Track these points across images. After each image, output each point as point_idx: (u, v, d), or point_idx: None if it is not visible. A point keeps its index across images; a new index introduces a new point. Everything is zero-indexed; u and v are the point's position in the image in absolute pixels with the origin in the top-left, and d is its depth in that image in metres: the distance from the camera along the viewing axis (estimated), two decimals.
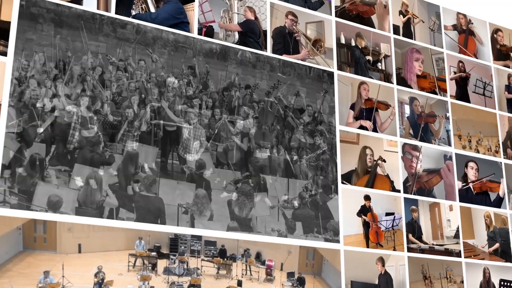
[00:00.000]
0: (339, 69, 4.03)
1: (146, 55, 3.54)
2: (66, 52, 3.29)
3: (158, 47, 3.55)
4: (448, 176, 4.22)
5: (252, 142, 3.68)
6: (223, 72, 3.75)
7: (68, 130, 3.19)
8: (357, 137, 3.97)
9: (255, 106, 3.79)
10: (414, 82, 4.32)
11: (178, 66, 3.62)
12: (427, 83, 4.39)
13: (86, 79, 3.33)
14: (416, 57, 4.39)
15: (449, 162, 4.28)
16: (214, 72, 3.73)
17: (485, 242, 4.29)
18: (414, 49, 4.41)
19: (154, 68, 3.58)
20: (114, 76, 3.45)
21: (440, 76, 4.49)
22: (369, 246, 3.79)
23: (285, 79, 3.86)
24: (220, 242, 3.34)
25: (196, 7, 3.61)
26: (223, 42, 3.66)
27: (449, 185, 4.21)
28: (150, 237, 3.15)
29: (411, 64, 4.34)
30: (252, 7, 3.84)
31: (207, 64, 3.66)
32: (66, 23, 3.30)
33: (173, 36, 3.54)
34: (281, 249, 3.49)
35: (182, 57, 3.61)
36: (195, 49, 3.61)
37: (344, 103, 4.00)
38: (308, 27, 4.02)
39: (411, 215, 4.04)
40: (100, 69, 3.42)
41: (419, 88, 4.35)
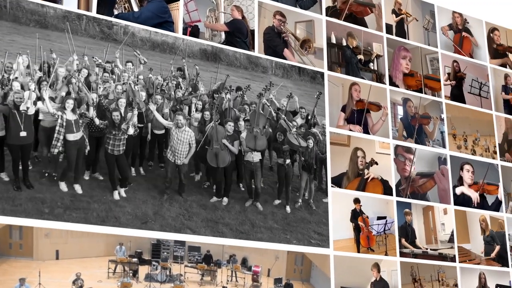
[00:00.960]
0: (330, 70, 3.94)
1: (133, 56, 3.46)
2: (51, 54, 3.22)
3: (146, 49, 3.48)
4: (441, 181, 4.11)
5: (243, 145, 3.59)
6: (214, 73, 3.67)
7: (52, 134, 3.11)
8: (348, 139, 3.87)
9: (246, 108, 3.71)
10: (400, 80, 4.22)
11: (167, 68, 3.54)
12: (414, 82, 4.28)
13: (71, 81, 3.26)
14: (404, 55, 4.28)
15: (443, 167, 4.17)
16: (204, 73, 3.65)
17: (481, 246, 4.17)
18: (401, 47, 4.31)
19: (142, 70, 3.51)
20: (101, 78, 3.38)
21: (429, 75, 4.37)
22: (360, 251, 3.69)
23: (278, 80, 3.78)
24: (205, 247, 3.25)
25: (181, 6, 3.53)
26: (216, 44, 3.58)
27: (442, 190, 4.10)
28: (131, 243, 3.06)
29: (398, 62, 4.24)
30: (240, 6, 3.75)
31: (197, 66, 3.58)
32: (51, 25, 3.23)
33: (162, 37, 3.46)
34: (268, 254, 3.40)
35: (171, 58, 3.53)
36: (185, 50, 3.53)
37: (334, 104, 3.90)
38: (297, 27, 3.93)
39: (405, 218, 3.93)
40: (86, 71, 3.35)
41: (406, 86, 4.24)
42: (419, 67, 4.35)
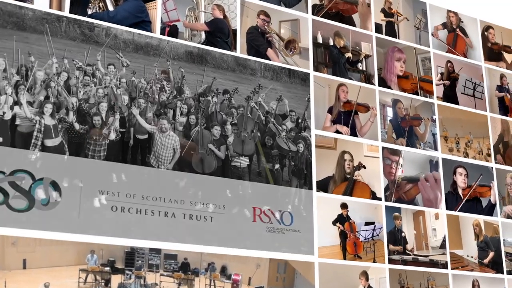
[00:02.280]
0: (316, 70, 3.81)
1: (115, 59, 3.34)
2: (29, 57, 3.11)
3: (129, 51, 3.36)
4: (426, 190, 3.95)
5: (230, 150, 3.47)
6: (200, 76, 3.55)
7: (29, 140, 3.00)
8: (334, 142, 3.74)
9: (233, 112, 3.59)
10: (394, 83, 4.08)
11: (151, 71, 3.42)
12: (409, 84, 4.14)
13: (50, 85, 3.15)
14: (398, 57, 4.15)
15: (428, 174, 4.01)
16: (190, 76, 3.53)
17: (475, 252, 4.03)
18: (395, 48, 4.17)
19: (124, 73, 3.39)
20: (81, 81, 3.27)
21: (424, 76, 4.24)
22: (346, 258, 3.56)
23: (267, 83, 3.66)
24: (182, 255, 3.13)
25: (159, 5, 3.41)
26: (202, 46, 3.46)
27: (427, 200, 3.94)
28: (103, 251, 2.95)
29: (392, 64, 4.10)
30: (221, 5, 3.63)
31: (182, 69, 3.47)
32: (30, 27, 3.12)
33: (146, 39, 3.35)
34: (249, 262, 3.27)
35: (155, 61, 3.42)
36: (170, 52, 3.42)
37: (321, 106, 3.77)
38: (282, 26, 3.81)
39: (393, 223, 3.80)
40: (66, 74, 3.23)
41: (400, 89, 4.11)
42: (413, 68, 4.21)
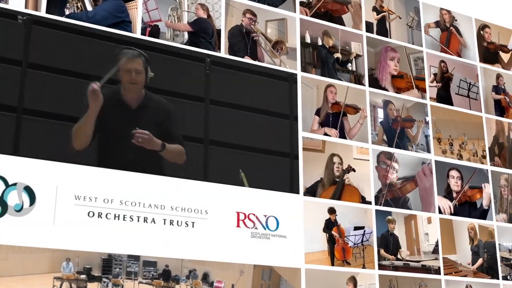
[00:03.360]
0: (304, 71, 3.71)
1: None
2: None
3: None
4: (423, 181, 3.85)
5: None
6: None
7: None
8: (322, 144, 3.64)
9: None
10: (388, 82, 3.97)
11: None
12: (404, 83, 4.02)
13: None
14: (392, 56, 4.03)
15: (425, 166, 3.91)
16: None
17: (469, 257, 3.92)
18: (389, 47, 4.06)
19: None
20: None
21: (420, 75, 4.12)
22: (335, 264, 3.45)
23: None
24: (162, 262, 3.03)
25: (140, 4, 3.32)
26: (184, 46, 3.36)
27: (423, 190, 3.83)
28: (79, 258, 2.85)
29: (385, 64, 3.99)
30: (205, 4, 3.53)
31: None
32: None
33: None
34: (232, 269, 3.17)
35: None
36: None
37: (308, 107, 3.67)
38: (268, 26, 3.70)
39: (387, 226, 3.69)
40: None
41: (395, 89, 3.99)
42: (407, 68, 4.10)
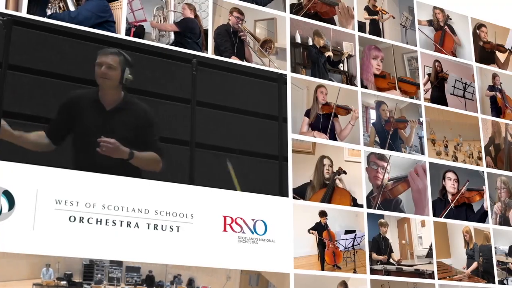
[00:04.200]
0: (294, 71, 3.63)
1: None
2: None
3: None
4: (415, 181, 3.76)
5: None
6: None
7: None
8: (312, 146, 3.56)
9: None
10: (371, 82, 3.88)
11: None
12: (386, 84, 3.93)
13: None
14: (375, 55, 3.94)
15: (418, 165, 3.82)
16: None
17: (464, 261, 3.83)
18: (372, 46, 3.97)
19: None
20: None
21: (403, 77, 4.03)
22: (325, 269, 3.38)
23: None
24: (146, 267, 2.96)
25: (124, 4, 3.25)
26: (170, 46, 3.29)
27: (416, 192, 3.74)
28: (60, 264, 2.78)
29: (368, 63, 3.90)
30: (192, 4, 3.46)
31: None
32: None
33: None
34: (218, 274, 3.10)
35: None
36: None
37: (298, 108, 3.59)
38: (257, 25, 3.63)
39: (379, 229, 3.61)
40: None
41: (376, 89, 3.90)
42: (391, 68, 4.01)
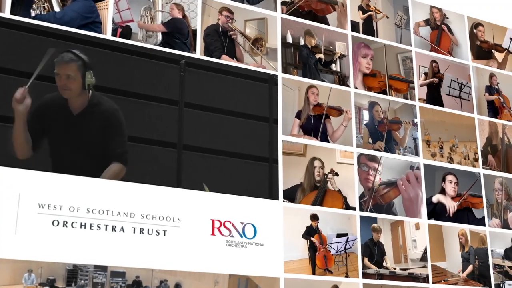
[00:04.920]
0: (285, 72, 3.57)
1: None
2: None
3: None
4: (407, 189, 3.69)
5: None
6: None
7: None
8: (303, 148, 3.50)
9: None
10: (360, 81, 3.81)
11: None
12: (376, 83, 3.86)
13: None
14: (364, 53, 3.87)
15: (410, 172, 3.75)
16: None
17: (459, 265, 3.76)
18: (361, 44, 3.89)
19: None
20: None
21: (394, 74, 3.96)
22: (316, 273, 3.31)
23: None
24: (131, 272, 2.91)
25: (110, 5, 3.20)
26: (157, 47, 3.24)
27: (407, 200, 3.68)
28: (42, 269, 2.73)
29: (357, 61, 3.83)
30: (180, 4, 3.41)
31: None
32: None
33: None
34: (206, 279, 3.04)
35: None
36: None
37: (289, 110, 3.54)
38: (247, 25, 3.58)
39: (371, 234, 3.54)
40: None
41: (366, 88, 3.83)
42: (382, 66, 3.94)
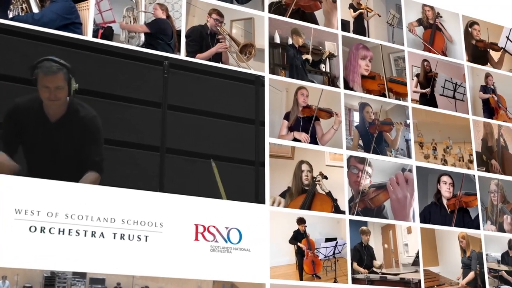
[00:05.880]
0: (272, 73, 3.50)
1: None
2: None
3: None
4: (395, 190, 3.60)
5: None
6: None
7: None
8: (291, 150, 3.42)
9: None
10: (358, 84, 3.73)
11: None
12: (376, 85, 3.77)
13: None
14: (363, 55, 3.79)
15: (399, 174, 3.66)
16: None
17: (455, 269, 3.67)
18: (360, 45, 3.82)
19: None
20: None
21: (394, 77, 3.88)
22: (303, 279, 3.23)
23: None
24: (111, 279, 2.84)
25: (92, 5, 3.13)
26: (139, 48, 3.18)
27: (395, 201, 3.58)
28: (18, 276, 2.66)
29: (356, 63, 3.75)
30: (164, 4, 3.34)
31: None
32: None
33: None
34: (189, 285, 2.97)
35: None
36: None
37: (277, 111, 3.46)
38: (234, 26, 3.50)
39: (360, 238, 3.46)
40: None
41: (365, 91, 3.75)
42: (380, 68, 3.86)
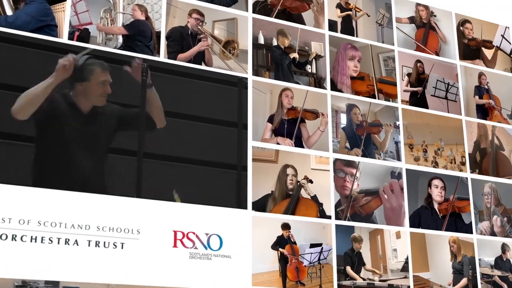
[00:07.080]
0: (256, 74, 3.41)
1: None
2: None
3: None
4: (390, 199, 3.50)
5: None
6: None
7: None
8: (275, 154, 3.34)
9: None
10: (347, 85, 3.63)
11: None
12: (365, 86, 3.68)
13: None
14: (351, 55, 3.69)
15: (393, 181, 3.57)
16: None
17: (445, 275, 3.57)
18: (348, 45, 3.72)
19: None
20: None
21: (385, 77, 3.78)
22: (287, 286, 3.15)
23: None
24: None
25: (67, 7, 3.06)
26: (117, 51, 3.10)
27: (390, 210, 3.49)
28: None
29: (344, 64, 3.66)
30: (144, 5, 3.26)
31: None
32: None
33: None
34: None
35: None
36: None
37: (260, 114, 3.38)
38: (216, 26, 3.42)
39: (350, 243, 3.37)
40: None
41: (354, 92, 3.65)
42: (369, 68, 3.76)
